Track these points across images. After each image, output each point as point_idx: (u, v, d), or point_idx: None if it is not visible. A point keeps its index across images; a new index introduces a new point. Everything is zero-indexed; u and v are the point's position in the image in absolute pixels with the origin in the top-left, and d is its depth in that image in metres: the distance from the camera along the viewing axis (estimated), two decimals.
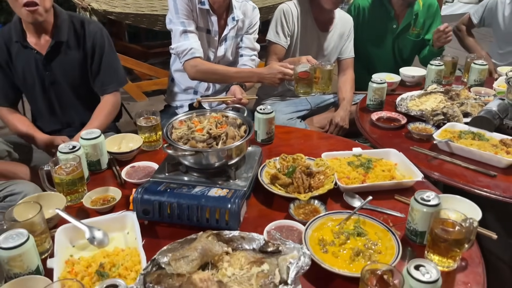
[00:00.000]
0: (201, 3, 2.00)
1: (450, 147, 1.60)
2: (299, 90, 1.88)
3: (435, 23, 2.63)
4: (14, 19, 1.77)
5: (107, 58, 1.86)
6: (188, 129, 1.33)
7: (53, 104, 1.89)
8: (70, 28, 1.80)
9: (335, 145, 1.70)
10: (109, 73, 1.88)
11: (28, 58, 1.78)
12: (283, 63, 1.93)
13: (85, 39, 1.82)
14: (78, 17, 1.85)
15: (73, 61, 1.83)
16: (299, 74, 1.84)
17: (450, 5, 7.63)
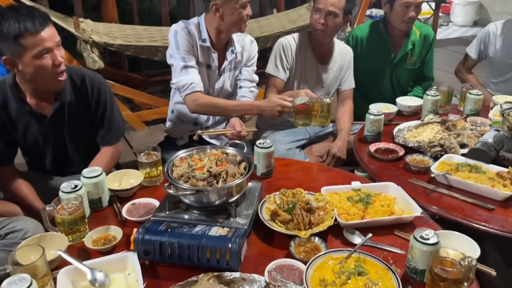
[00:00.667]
0: (202, 40, 2.04)
1: (448, 180, 1.62)
2: (298, 122, 1.91)
3: (430, 52, 2.69)
4: (7, 81, 1.68)
5: (109, 112, 1.84)
6: (189, 167, 1.34)
7: (53, 158, 1.85)
8: (71, 86, 1.74)
9: (334, 178, 1.71)
10: (110, 127, 1.86)
11: (30, 119, 1.72)
12: (282, 96, 1.97)
13: (87, 97, 1.78)
14: (77, 72, 1.78)
15: (77, 119, 1.79)
16: (298, 106, 1.87)
17: (445, 28, 7.76)
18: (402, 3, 2.39)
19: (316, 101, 1.87)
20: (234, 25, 2.00)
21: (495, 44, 2.65)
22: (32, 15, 1.51)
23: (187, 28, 2.03)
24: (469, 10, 7.76)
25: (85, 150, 1.89)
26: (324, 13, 2.19)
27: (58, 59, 1.58)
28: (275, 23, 3.91)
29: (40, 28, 1.51)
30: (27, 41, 1.50)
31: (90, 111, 1.81)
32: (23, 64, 1.55)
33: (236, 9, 1.94)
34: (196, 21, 2.09)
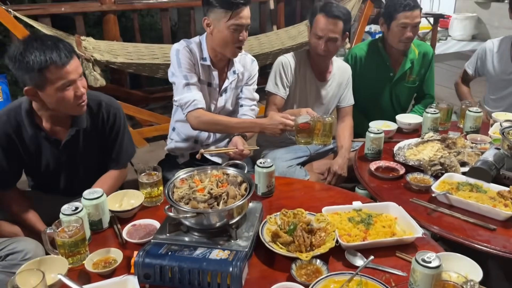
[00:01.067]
0: (203, 59, 2.06)
1: (449, 199, 1.62)
2: (300, 140, 1.92)
3: (430, 70, 2.71)
4: (23, 106, 1.66)
5: (121, 137, 1.85)
6: (190, 189, 1.35)
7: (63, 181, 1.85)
8: (87, 112, 1.74)
9: (335, 197, 1.71)
10: (120, 151, 1.86)
11: (44, 144, 1.72)
12: (284, 114, 1.97)
13: (103, 123, 1.78)
14: (94, 98, 1.77)
15: (91, 144, 1.79)
16: (300, 125, 1.88)
17: (443, 42, 7.84)
18: (399, 23, 2.42)
19: (318, 120, 1.88)
20: (223, 46, 1.99)
21: (492, 61, 2.68)
22: (58, 47, 1.50)
23: (188, 47, 2.05)
24: (467, 25, 7.84)
25: (95, 172, 1.87)
26: (325, 40, 2.21)
27: (81, 90, 1.59)
28: (275, 40, 3.94)
29: (66, 60, 1.51)
30: (52, 74, 1.50)
31: (104, 135, 1.82)
32: (45, 95, 1.55)
33: (225, 30, 1.93)
34: (198, 40, 2.11)
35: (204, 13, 1.99)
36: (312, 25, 2.28)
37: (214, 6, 1.92)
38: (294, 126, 1.91)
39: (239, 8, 1.90)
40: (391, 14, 2.44)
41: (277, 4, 4.50)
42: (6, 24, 2.73)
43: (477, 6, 7.98)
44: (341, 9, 2.24)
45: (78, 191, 1.85)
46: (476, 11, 7.95)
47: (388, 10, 2.47)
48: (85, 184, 1.81)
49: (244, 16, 1.94)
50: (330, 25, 2.19)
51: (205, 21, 1.98)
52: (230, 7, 1.89)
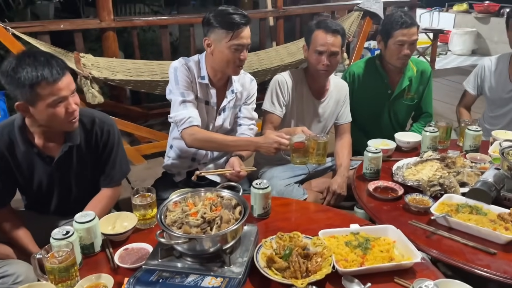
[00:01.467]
0: (201, 77, 2.05)
1: (448, 221, 1.59)
2: (295, 160, 1.89)
3: (428, 88, 2.70)
4: (16, 122, 1.65)
5: (115, 154, 1.83)
6: (183, 213, 1.32)
7: (57, 200, 1.83)
8: (80, 129, 1.73)
9: (332, 219, 1.68)
10: (113, 168, 1.84)
11: (36, 161, 1.70)
12: (279, 133, 1.96)
13: (96, 140, 1.77)
14: (87, 115, 1.76)
15: (84, 161, 1.77)
16: (295, 144, 1.86)
17: (443, 57, 7.86)
18: (396, 41, 2.41)
19: (313, 139, 1.86)
20: (225, 65, 1.99)
21: (490, 79, 2.66)
22: (50, 63, 1.50)
23: (187, 64, 2.05)
24: (467, 40, 7.87)
25: (89, 191, 1.85)
26: (327, 55, 2.21)
27: (72, 107, 1.57)
28: (275, 56, 3.95)
29: (58, 77, 1.50)
30: (43, 90, 1.49)
31: (97, 152, 1.80)
32: (36, 111, 1.54)
33: (226, 50, 1.93)
34: (197, 58, 2.10)
35: (204, 34, 1.99)
36: (309, 42, 2.28)
37: (214, 26, 1.92)
38: (289, 145, 1.89)
39: (240, 28, 1.91)
40: (388, 32, 2.44)
41: (277, 20, 4.52)
42: (4, 41, 2.73)
43: (477, 21, 8.02)
44: (337, 24, 2.26)
45: (71, 211, 1.82)
46: (476, 26, 7.99)
47: (385, 27, 2.47)
48: (79, 203, 1.80)
49: (245, 36, 1.94)
50: (330, 39, 2.19)
51: (205, 41, 1.98)
52: (231, 28, 1.89)
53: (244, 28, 1.93)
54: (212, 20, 1.93)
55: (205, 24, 1.97)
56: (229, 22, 1.89)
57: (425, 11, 8.69)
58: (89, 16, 8.00)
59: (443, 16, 8.64)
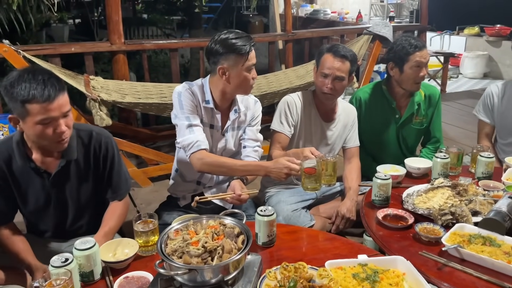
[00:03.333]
0: (206, 101, 2.05)
1: (460, 253, 1.52)
2: (306, 186, 1.84)
3: (437, 111, 2.66)
4: (14, 137, 1.67)
5: (117, 167, 1.83)
6: (183, 241, 1.28)
7: (57, 220, 1.81)
8: (79, 144, 1.74)
9: (340, 249, 1.62)
10: (118, 182, 1.85)
11: (33, 177, 1.70)
12: (290, 158, 1.91)
13: (95, 153, 1.77)
14: (84, 130, 1.78)
15: (83, 177, 1.77)
16: (305, 170, 1.81)
17: (454, 80, 7.80)
18: (413, 64, 2.40)
19: (322, 160, 1.83)
20: (240, 87, 2.02)
21: (499, 106, 2.60)
22: (45, 83, 1.51)
23: (190, 89, 2.04)
24: (478, 63, 7.82)
25: (88, 211, 1.85)
26: (331, 78, 2.22)
27: (61, 129, 1.57)
28: (283, 79, 3.95)
29: (49, 98, 1.51)
30: (33, 108, 1.51)
31: (98, 167, 1.79)
32: (25, 126, 1.57)
33: (242, 73, 1.96)
34: (200, 82, 2.10)
35: (214, 62, 1.99)
36: (318, 64, 2.28)
37: (227, 53, 1.94)
38: (300, 170, 1.85)
39: (251, 50, 1.96)
40: (402, 58, 2.42)
41: (286, 44, 4.54)
42: (15, 64, 2.77)
43: (488, 45, 7.98)
44: (348, 50, 2.26)
45: (69, 233, 1.85)
46: (487, 50, 7.94)
47: (398, 54, 2.45)
48: (77, 224, 1.82)
49: (254, 56, 2.00)
50: (337, 63, 2.20)
51: (220, 70, 1.97)
52: (245, 51, 1.93)
53: (252, 49, 1.98)
54: (221, 48, 1.94)
55: (214, 53, 1.96)
56: (240, 47, 1.93)
57: (436, 35, 8.68)
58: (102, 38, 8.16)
59: (454, 39, 8.62)
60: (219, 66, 1.96)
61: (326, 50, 2.27)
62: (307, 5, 9.52)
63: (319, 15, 8.85)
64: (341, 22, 8.44)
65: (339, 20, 8.64)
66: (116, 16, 3.40)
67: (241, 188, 1.91)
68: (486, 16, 8.13)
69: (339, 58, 2.20)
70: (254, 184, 2.20)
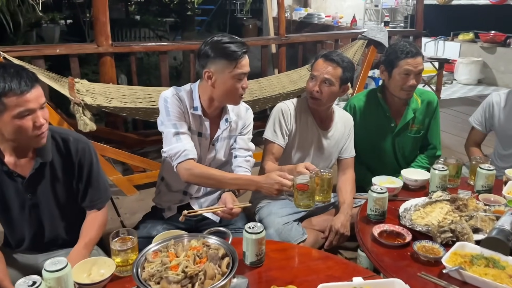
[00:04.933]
0: (194, 108, 1.94)
1: (462, 275, 1.42)
2: (298, 203, 1.73)
3: (435, 119, 2.56)
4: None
5: (95, 174, 1.75)
6: (162, 265, 1.17)
7: (33, 228, 1.71)
8: (53, 146, 1.66)
9: (333, 269, 1.51)
10: (97, 189, 1.76)
11: (6, 181, 1.61)
12: (282, 173, 1.79)
13: (71, 158, 1.69)
14: (60, 133, 1.71)
15: (58, 182, 1.69)
16: (297, 186, 1.70)
17: (449, 86, 7.76)
18: (401, 71, 2.30)
19: (316, 175, 1.72)
20: (227, 95, 1.90)
21: (500, 116, 2.51)
22: (19, 75, 1.47)
23: (178, 95, 1.93)
24: (473, 69, 7.79)
25: (64, 220, 1.75)
26: (319, 80, 2.13)
27: (40, 121, 1.51)
28: (276, 83, 3.84)
29: (26, 89, 1.46)
30: (10, 101, 1.44)
31: (73, 173, 1.71)
32: (2, 123, 1.48)
33: (230, 80, 1.85)
34: (189, 88, 1.99)
35: (202, 66, 1.89)
36: (311, 70, 2.22)
37: (215, 57, 1.83)
38: (292, 186, 1.74)
39: (242, 57, 1.84)
40: (392, 62, 2.33)
41: (279, 48, 4.44)
42: None
43: (483, 51, 7.95)
44: (342, 57, 2.17)
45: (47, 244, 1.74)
46: (482, 56, 7.91)
47: (389, 57, 2.36)
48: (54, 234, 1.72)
49: (246, 64, 1.88)
50: (327, 67, 2.13)
51: (206, 74, 1.87)
52: (234, 57, 1.82)
53: (245, 56, 1.86)
54: (211, 51, 1.84)
55: (203, 56, 1.87)
56: (230, 52, 1.82)
57: (430, 40, 8.64)
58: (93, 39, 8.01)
59: (448, 45, 8.59)
60: (206, 69, 1.87)
61: (321, 56, 2.20)
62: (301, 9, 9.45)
63: (313, 19, 8.78)
64: (335, 26, 8.37)
65: (333, 24, 8.57)
66: (104, 17, 3.28)
67: (233, 201, 1.79)
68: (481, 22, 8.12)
69: (329, 62, 2.14)
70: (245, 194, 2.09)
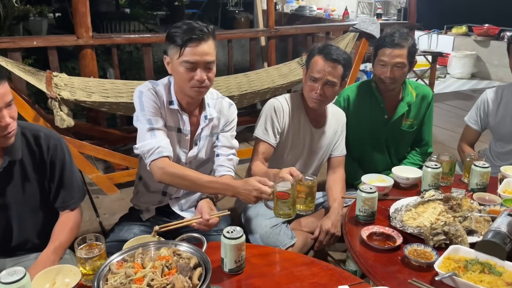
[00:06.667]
0: (170, 102, 1.81)
1: (456, 282, 1.32)
2: (278, 211, 1.59)
3: (428, 114, 2.46)
4: None
5: (68, 173, 1.65)
6: (126, 277, 1.05)
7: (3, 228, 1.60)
8: (23, 143, 1.56)
9: (318, 276, 1.41)
10: (70, 188, 1.66)
11: None
12: (262, 179, 1.65)
13: (42, 155, 1.58)
14: (30, 128, 1.61)
15: (28, 181, 1.58)
16: (277, 194, 1.56)
17: (442, 80, 7.68)
18: (378, 60, 2.23)
19: (299, 184, 1.60)
20: (182, 84, 1.75)
21: (496, 113, 2.41)
22: None
23: (154, 89, 1.81)
24: (466, 63, 7.71)
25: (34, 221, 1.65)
26: (321, 83, 1.99)
27: (5, 120, 1.42)
28: (265, 77, 3.72)
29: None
30: None
31: (45, 171, 1.61)
32: None
33: (178, 67, 1.70)
34: (166, 81, 1.86)
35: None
36: (308, 66, 2.06)
37: (169, 42, 1.72)
38: (272, 194, 1.61)
39: (191, 42, 1.66)
40: (375, 50, 2.27)
41: (268, 40, 4.31)
42: None
43: (476, 44, 7.87)
44: (341, 53, 2.01)
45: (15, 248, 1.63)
46: (475, 49, 7.83)
47: (374, 45, 2.30)
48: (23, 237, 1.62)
49: (198, 53, 1.68)
50: (328, 67, 1.97)
51: (165, 60, 1.77)
52: (180, 43, 1.67)
53: (197, 43, 1.67)
54: (168, 34, 1.72)
55: (165, 39, 1.76)
56: (179, 36, 1.67)
57: (423, 33, 8.55)
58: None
59: (441, 38, 8.50)
60: (165, 55, 1.77)
61: (317, 51, 2.02)
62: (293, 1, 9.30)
63: (304, 12, 8.64)
64: (327, 19, 8.25)
65: (325, 17, 8.45)
66: (83, 8, 3.13)
67: (210, 210, 1.65)
68: (474, 16, 8.03)
69: (331, 62, 1.97)
70: None
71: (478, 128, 2.50)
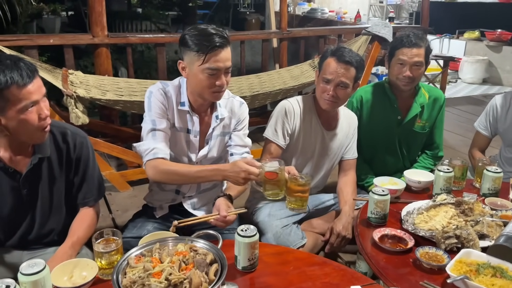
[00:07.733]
0: (181, 103, 1.84)
1: (468, 286, 1.33)
2: (267, 192, 1.62)
3: (440, 117, 2.47)
4: None
5: (91, 171, 1.69)
6: (144, 271, 1.08)
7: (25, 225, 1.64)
8: (51, 141, 1.58)
9: (330, 276, 1.42)
10: (91, 185, 1.70)
11: (1, 176, 1.53)
12: (250, 160, 1.68)
13: (69, 153, 1.62)
14: (58, 126, 1.63)
15: (55, 177, 1.62)
16: (266, 174, 1.59)
17: (453, 85, 7.65)
18: (396, 60, 2.25)
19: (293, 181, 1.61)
20: (201, 90, 1.77)
21: (506, 118, 2.41)
22: (19, 66, 1.39)
23: (164, 89, 1.83)
24: (478, 68, 7.67)
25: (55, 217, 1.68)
26: (334, 84, 2.00)
27: (44, 112, 1.46)
28: (277, 79, 3.75)
29: (28, 80, 1.39)
30: (13, 95, 1.38)
31: (70, 168, 1.65)
32: (6, 118, 1.41)
33: (200, 74, 1.71)
34: (177, 82, 1.89)
35: (180, 55, 1.79)
36: (320, 68, 2.07)
37: (187, 48, 1.72)
38: (260, 175, 1.63)
39: (214, 50, 1.68)
40: (392, 50, 2.29)
41: (280, 42, 4.34)
42: None
43: (488, 49, 7.82)
44: (354, 55, 2.03)
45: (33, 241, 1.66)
46: (487, 54, 7.78)
47: (392, 45, 2.33)
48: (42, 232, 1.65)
49: (221, 60, 1.70)
50: (341, 69, 1.98)
51: (180, 64, 1.78)
52: (203, 50, 1.68)
53: (219, 51, 1.70)
54: (187, 40, 1.72)
55: (180, 44, 1.76)
56: (202, 43, 1.68)
57: (435, 38, 8.51)
58: None
59: (453, 43, 8.46)
60: (179, 60, 1.78)
61: (330, 54, 2.04)
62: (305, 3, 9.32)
63: (316, 14, 8.66)
64: (339, 21, 8.25)
65: (337, 19, 8.45)
66: (99, 7, 3.18)
67: (227, 207, 1.69)
68: (487, 21, 7.98)
69: (343, 64, 1.98)
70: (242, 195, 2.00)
71: (488, 134, 2.50)
